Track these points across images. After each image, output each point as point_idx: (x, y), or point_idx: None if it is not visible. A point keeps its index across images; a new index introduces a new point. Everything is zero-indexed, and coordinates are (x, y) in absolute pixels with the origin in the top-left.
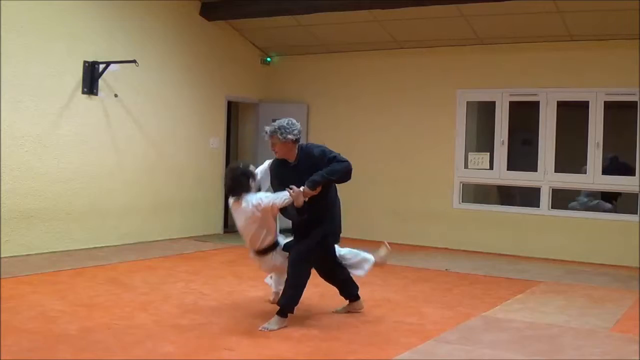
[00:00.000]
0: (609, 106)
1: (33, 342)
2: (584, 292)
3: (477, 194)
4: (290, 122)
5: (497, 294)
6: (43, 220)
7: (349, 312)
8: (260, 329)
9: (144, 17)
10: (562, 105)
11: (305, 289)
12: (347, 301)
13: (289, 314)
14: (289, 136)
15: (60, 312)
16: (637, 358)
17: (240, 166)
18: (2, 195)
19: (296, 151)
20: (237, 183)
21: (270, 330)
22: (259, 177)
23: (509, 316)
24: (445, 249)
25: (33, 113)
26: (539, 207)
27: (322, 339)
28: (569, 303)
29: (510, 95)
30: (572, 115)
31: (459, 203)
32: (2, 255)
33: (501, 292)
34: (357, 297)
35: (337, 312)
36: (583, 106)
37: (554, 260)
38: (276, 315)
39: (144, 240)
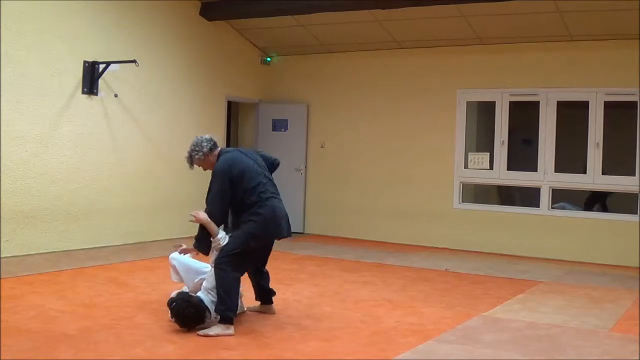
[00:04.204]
0: (608, 106)
1: (33, 342)
2: (584, 292)
3: (477, 194)
4: (196, 141)
5: (497, 294)
6: (43, 220)
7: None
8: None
9: (144, 17)
10: (562, 105)
11: (234, 292)
12: (259, 302)
13: (233, 319)
14: (201, 153)
15: (60, 312)
16: (637, 358)
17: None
18: (2, 195)
19: (216, 159)
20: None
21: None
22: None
23: (509, 316)
24: (445, 249)
25: (33, 113)
26: (538, 207)
27: (322, 339)
28: (569, 303)
29: (510, 95)
30: (572, 115)
31: (459, 203)
32: (2, 255)
33: (501, 292)
34: (271, 302)
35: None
36: (583, 106)
37: (554, 260)
38: (218, 322)
39: (144, 240)
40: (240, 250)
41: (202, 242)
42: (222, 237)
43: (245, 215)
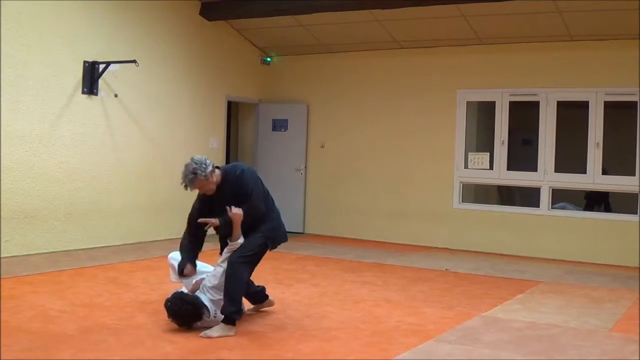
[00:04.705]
0: (608, 106)
1: (33, 342)
2: (584, 292)
3: (477, 194)
4: (197, 161)
5: (497, 294)
6: (43, 220)
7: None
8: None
9: (144, 17)
10: (562, 105)
11: (242, 294)
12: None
13: (236, 322)
14: (208, 171)
15: (60, 312)
16: (637, 358)
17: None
18: (2, 195)
19: (217, 178)
20: (183, 315)
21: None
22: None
23: (509, 316)
24: (445, 249)
25: (33, 113)
26: (539, 207)
27: (322, 339)
28: (569, 303)
29: (510, 95)
30: (572, 115)
31: (459, 203)
32: (2, 255)
33: (501, 292)
34: (267, 297)
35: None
36: (583, 106)
37: (554, 260)
38: (221, 323)
39: (144, 240)
40: (258, 250)
41: (226, 225)
42: (240, 242)
43: (261, 218)
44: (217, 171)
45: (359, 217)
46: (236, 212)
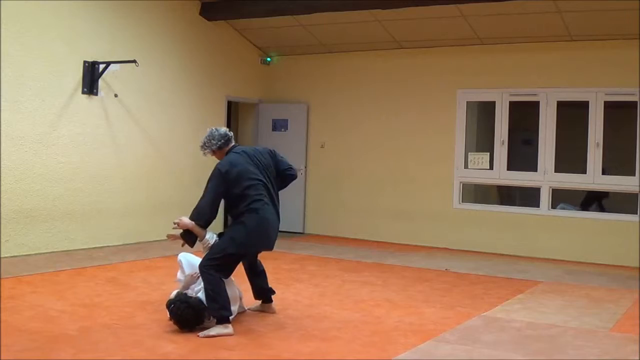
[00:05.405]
0: (608, 106)
1: (33, 342)
2: (584, 292)
3: (477, 194)
4: (209, 134)
5: (497, 294)
6: (43, 220)
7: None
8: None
9: (144, 17)
10: (562, 105)
11: (223, 291)
12: (260, 301)
13: (229, 318)
14: (208, 150)
15: (60, 312)
16: (637, 358)
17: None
18: (2, 195)
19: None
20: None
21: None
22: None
23: (509, 316)
24: (445, 249)
25: (33, 113)
26: (538, 207)
27: (322, 339)
28: (569, 303)
29: (510, 95)
30: (572, 115)
31: (459, 203)
32: (2, 255)
33: (501, 292)
34: (270, 301)
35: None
36: (583, 106)
37: (554, 260)
38: (216, 324)
39: (144, 240)
40: (222, 255)
41: (187, 235)
42: (209, 237)
43: (235, 219)
44: (230, 146)
45: (359, 217)
46: (179, 221)
